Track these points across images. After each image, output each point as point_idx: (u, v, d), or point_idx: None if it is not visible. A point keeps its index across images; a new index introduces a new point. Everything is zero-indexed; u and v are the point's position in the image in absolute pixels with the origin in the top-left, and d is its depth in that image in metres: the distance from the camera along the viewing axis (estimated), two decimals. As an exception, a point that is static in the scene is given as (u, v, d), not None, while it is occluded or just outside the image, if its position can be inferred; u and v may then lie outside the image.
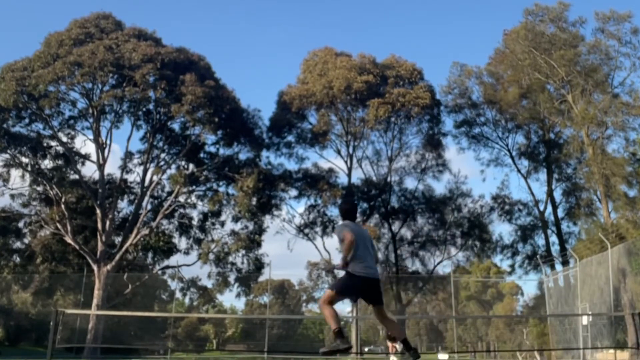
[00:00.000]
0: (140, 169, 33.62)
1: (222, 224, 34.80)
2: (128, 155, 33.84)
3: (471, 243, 37.00)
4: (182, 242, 35.08)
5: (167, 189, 34.15)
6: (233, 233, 33.97)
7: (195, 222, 35.16)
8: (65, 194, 32.18)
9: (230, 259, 33.61)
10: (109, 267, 30.43)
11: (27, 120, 31.19)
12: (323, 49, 37.64)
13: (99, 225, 31.35)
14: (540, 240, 36.22)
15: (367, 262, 6.44)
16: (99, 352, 30.53)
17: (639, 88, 30.76)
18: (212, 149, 34.54)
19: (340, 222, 6.75)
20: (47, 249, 34.13)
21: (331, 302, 6.32)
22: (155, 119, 32.74)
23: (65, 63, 28.82)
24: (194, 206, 34.94)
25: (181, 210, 34.95)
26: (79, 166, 32.98)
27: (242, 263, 34.07)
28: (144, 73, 29.27)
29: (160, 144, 33.34)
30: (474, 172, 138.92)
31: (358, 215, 36.95)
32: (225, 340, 64.63)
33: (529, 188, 36.72)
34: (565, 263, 29.86)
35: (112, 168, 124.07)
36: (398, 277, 36.53)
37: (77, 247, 31.06)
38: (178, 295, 38.66)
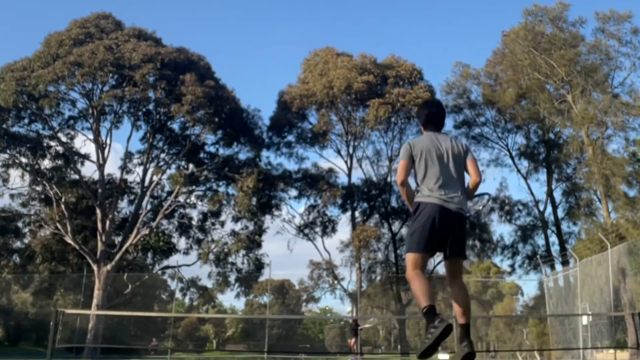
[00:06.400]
0: (140, 169, 33.67)
1: (222, 224, 34.85)
2: (128, 155, 33.84)
3: (471, 243, 36.98)
4: (182, 242, 35.14)
5: (167, 189, 34.17)
6: (233, 233, 33.98)
7: (195, 222, 35.19)
8: (65, 194, 32.17)
9: (231, 259, 33.63)
10: (109, 267, 30.41)
11: (26, 120, 31.20)
12: (324, 49, 37.65)
13: (99, 225, 31.33)
14: (540, 241, 36.25)
15: (443, 184, 4.46)
16: (99, 352, 30.53)
17: (639, 88, 30.80)
18: (212, 149, 34.59)
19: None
20: (47, 248, 34.11)
21: (417, 266, 4.40)
22: (155, 119, 32.73)
23: (65, 63, 28.81)
24: (193, 206, 34.97)
25: (181, 210, 34.95)
26: (78, 166, 32.97)
27: (242, 263, 34.12)
28: (144, 73, 29.27)
29: (160, 144, 33.33)
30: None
31: (358, 215, 37.28)
32: (225, 340, 64.61)
33: (529, 188, 36.77)
34: (565, 263, 29.83)
35: (112, 168, 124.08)
36: (398, 277, 36.50)
37: (77, 247, 31.04)
38: (178, 295, 38.68)
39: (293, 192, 36.46)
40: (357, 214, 37.30)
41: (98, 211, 31.49)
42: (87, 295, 30.91)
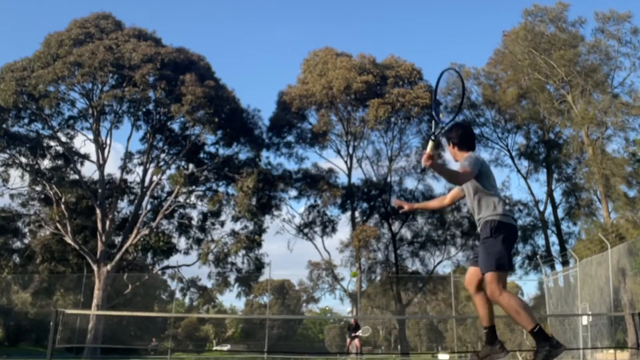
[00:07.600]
0: (140, 169, 33.64)
1: (222, 224, 34.79)
2: (128, 155, 33.83)
3: (471, 243, 36.96)
4: (182, 242, 35.08)
5: (167, 189, 34.13)
6: (233, 233, 33.93)
7: (195, 222, 35.14)
8: (64, 194, 32.14)
9: (230, 259, 33.59)
10: (109, 267, 30.40)
11: (26, 120, 31.15)
12: (323, 49, 37.65)
13: (99, 226, 31.32)
14: (540, 241, 36.25)
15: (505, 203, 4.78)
16: (99, 352, 30.52)
17: (639, 88, 30.82)
18: (212, 149, 34.55)
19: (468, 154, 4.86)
20: (46, 249, 34.09)
21: (504, 286, 4.48)
22: (155, 119, 32.72)
23: (65, 63, 28.79)
24: (193, 206, 34.91)
25: (181, 210, 34.91)
26: (78, 166, 32.94)
27: (242, 263, 34.06)
28: (144, 73, 29.25)
29: (160, 144, 33.32)
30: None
31: (358, 215, 37.32)
32: (225, 340, 64.60)
33: (529, 188, 36.77)
34: (565, 263, 29.84)
35: (112, 168, 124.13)
36: (398, 277, 36.51)
37: (77, 247, 31.03)
38: (178, 295, 38.61)
39: (293, 192, 36.49)
40: (357, 214, 37.31)
41: (98, 211, 31.48)
42: (87, 295, 30.89)
